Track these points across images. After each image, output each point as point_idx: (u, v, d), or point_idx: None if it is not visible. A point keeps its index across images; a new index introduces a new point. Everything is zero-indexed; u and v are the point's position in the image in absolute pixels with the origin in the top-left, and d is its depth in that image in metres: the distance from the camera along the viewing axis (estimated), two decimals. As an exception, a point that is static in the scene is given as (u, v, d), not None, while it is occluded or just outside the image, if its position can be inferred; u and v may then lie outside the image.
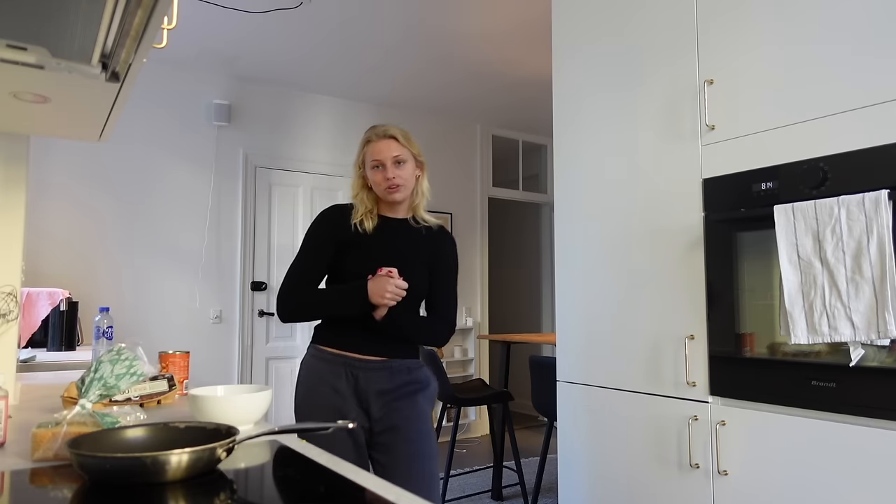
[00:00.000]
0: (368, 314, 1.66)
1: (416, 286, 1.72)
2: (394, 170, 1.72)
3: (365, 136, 1.79)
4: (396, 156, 1.73)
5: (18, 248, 1.55)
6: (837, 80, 1.53)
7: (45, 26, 0.87)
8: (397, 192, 1.73)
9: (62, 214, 3.90)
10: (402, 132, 1.77)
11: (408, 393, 1.71)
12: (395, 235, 1.77)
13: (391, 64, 4.27)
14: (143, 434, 0.96)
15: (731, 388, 1.70)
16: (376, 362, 1.70)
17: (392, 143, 1.74)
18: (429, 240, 1.81)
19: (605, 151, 2.14)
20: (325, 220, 1.79)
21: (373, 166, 1.74)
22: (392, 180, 1.71)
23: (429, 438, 1.71)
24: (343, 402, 1.68)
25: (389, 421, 1.69)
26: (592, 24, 2.23)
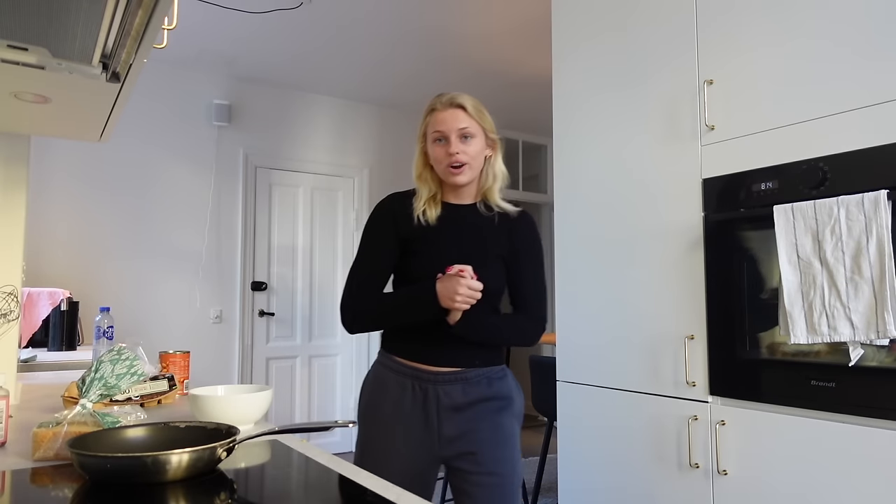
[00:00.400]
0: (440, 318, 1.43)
1: (491, 283, 1.46)
2: (458, 145, 1.45)
3: (429, 105, 1.53)
4: (463, 128, 1.46)
5: (19, 248, 1.55)
6: (837, 81, 1.53)
7: (46, 27, 0.87)
8: (460, 172, 1.46)
9: (63, 214, 3.90)
10: (473, 102, 1.50)
11: (488, 411, 1.46)
12: (462, 226, 1.52)
13: (391, 64, 4.27)
14: (143, 434, 0.96)
15: (731, 388, 1.70)
16: (449, 374, 1.45)
17: (459, 114, 1.47)
18: (504, 229, 1.53)
19: (605, 152, 2.14)
20: (381, 212, 1.56)
21: (434, 139, 1.49)
22: (455, 157, 1.45)
23: (512, 468, 1.46)
24: (407, 419, 1.46)
25: (465, 444, 1.44)
26: (592, 24, 2.23)
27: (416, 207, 1.51)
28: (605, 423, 2.06)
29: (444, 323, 1.43)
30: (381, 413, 1.48)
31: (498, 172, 1.54)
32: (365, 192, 4.98)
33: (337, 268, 4.89)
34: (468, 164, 1.47)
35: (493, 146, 1.54)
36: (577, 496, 2.13)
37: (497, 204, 1.54)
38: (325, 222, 4.86)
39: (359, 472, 0.92)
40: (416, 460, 1.45)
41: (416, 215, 1.50)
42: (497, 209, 1.54)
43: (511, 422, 1.49)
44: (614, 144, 2.11)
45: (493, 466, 1.43)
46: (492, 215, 1.53)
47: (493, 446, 1.44)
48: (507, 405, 1.49)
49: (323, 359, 4.79)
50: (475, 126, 1.48)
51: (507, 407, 1.49)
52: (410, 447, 1.45)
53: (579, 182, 2.22)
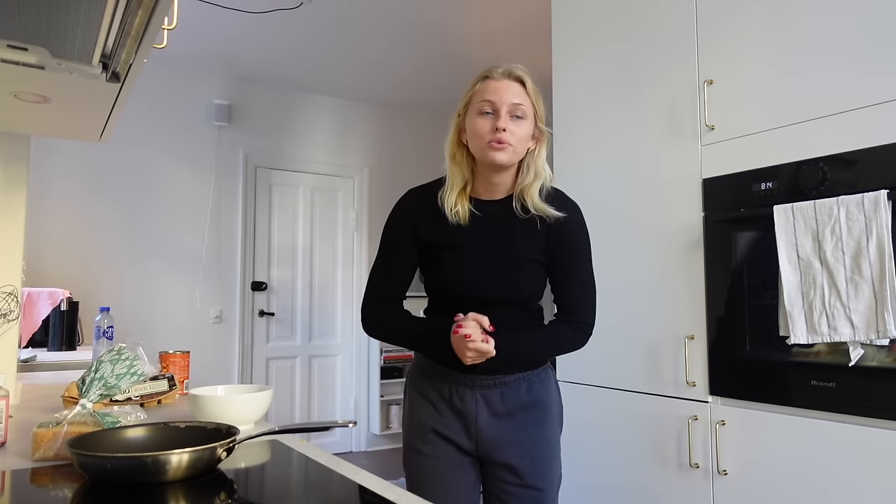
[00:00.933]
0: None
1: (526, 288, 1.33)
2: (507, 121, 1.26)
3: (481, 73, 1.34)
4: (517, 104, 1.27)
5: (19, 248, 1.55)
6: (837, 81, 1.53)
7: (46, 27, 0.87)
8: (502, 150, 1.26)
9: (63, 214, 3.90)
10: (533, 82, 1.33)
11: (529, 422, 1.36)
12: (492, 228, 1.33)
13: (391, 64, 4.27)
14: (143, 434, 0.96)
15: (731, 388, 1.70)
16: (487, 379, 1.35)
17: (515, 87, 1.29)
18: (543, 231, 1.34)
19: (605, 151, 2.14)
20: (399, 217, 1.41)
21: (480, 111, 1.28)
22: (500, 134, 1.25)
23: (551, 481, 1.38)
24: (445, 425, 1.37)
25: (504, 455, 1.35)
26: (592, 24, 2.23)
27: (446, 203, 1.32)
28: (605, 423, 2.06)
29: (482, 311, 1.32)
30: (419, 417, 1.40)
31: (540, 169, 1.33)
32: (365, 191, 4.98)
33: (337, 268, 4.89)
34: (513, 147, 1.27)
35: (540, 138, 1.34)
36: (577, 496, 2.13)
37: (535, 206, 1.32)
38: (325, 222, 4.86)
39: (359, 471, 0.92)
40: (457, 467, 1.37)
41: (448, 212, 1.32)
42: (535, 212, 1.32)
43: (552, 431, 1.40)
44: (614, 144, 2.11)
45: (532, 480, 1.34)
46: (529, 217, 1.32)
47: (533, 460, 1.34)
48: (547, 413, 1.39)
49: (323, 359, 4.79)
50: (529, 107, 1.30)
51: (547, 415, 1.39)
52: (449, 453, 1.37)
53: (579, 182, 2.22)
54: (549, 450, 1.38)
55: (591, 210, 2.16)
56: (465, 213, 1.32)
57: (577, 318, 1.37)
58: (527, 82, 1.31)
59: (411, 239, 1.38)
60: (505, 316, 1.30)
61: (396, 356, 4.89)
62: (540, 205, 1.32)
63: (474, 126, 1.29)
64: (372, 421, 4.84)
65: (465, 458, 1.38)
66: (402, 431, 1.47)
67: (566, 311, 1.38)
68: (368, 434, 4.86)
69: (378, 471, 1.75)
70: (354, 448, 4.83)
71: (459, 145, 1.35)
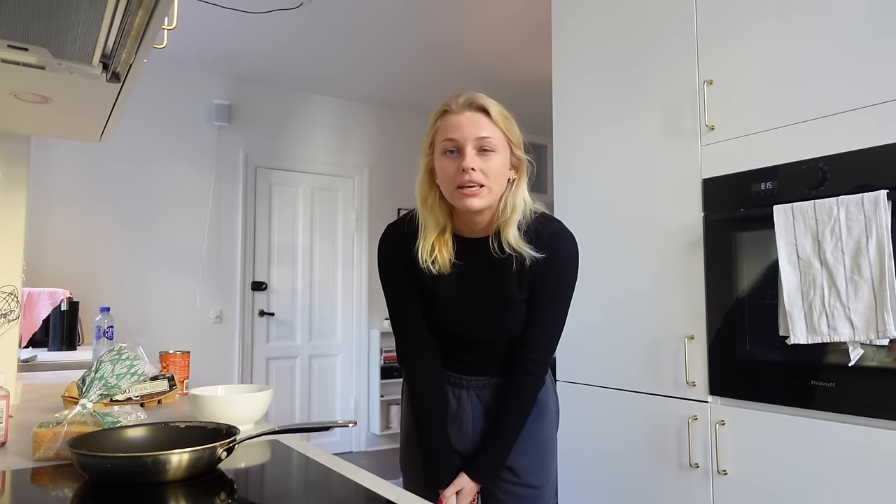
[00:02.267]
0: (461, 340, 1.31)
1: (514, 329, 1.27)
2: (474, 158, 1.13)
3: (440, 106, 1.20)
4: (483, 138, 1.14)
5: (19, 247, 1.55)
6: (837, 81, 1.53)
7: (47, 27, 0.87)
8: (475, 195, 1.14)
9: (63, 214, 3.90)
10: (500, 107, 1.19)
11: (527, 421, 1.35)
12: (482, 268, 1.24)
13: (392, 64, 4.27)
14: (143, 434, 0.96)
15: (731, 388, 1.70)
16: (480, 380, 1.34)
17: (480, 119, 1.15)
18: (528, 269, 1.22)
19: (605, 151, 2.14)
20: (385, 258, 1.31)
21: (444, 150, 1.16)
22: (468, 176, 1.13)
23: (547, 479, 1.37)
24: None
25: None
26: (592, 24, 2.23)
27: (420, 255, 1.21)
28: (605, 423, 2.06)
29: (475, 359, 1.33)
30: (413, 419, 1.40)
31: (518, 203, 1.20)
32: (365, 191, 4.98)
33: (337, 268, 4.89)
34: (486, 187, 1.15)
35: (520, 167, 1.22)
36: (576, 496, 2.13)
37: (510, 243, 1.19)
38: (325, 222, 4.86)
39: (359, 471, 0.92)
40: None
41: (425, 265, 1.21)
42: (510, 251, 1.19)
43: (547, 429, 1.38)
44: (614, 144, 2.11)
45: (528, 479, 1.34)
46: (506, 256, 1.20)
47: (529, 458, 1.34)
48: (542, 411, 1.37)
49: (323, 359, 4.79)
50: (499, 137, 1.16)
51: (543, 413, 1.37)
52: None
53: (579, 182, 2.22)
54: (544, 447, 1.37)
55: (590, 210, 2.17)
56: (445, 262, 1.22)
57: (533, 356, 1.28)
58: (491, 110, 1.17)
59: (405, 280, 1.29)
60: (494, 350, 1.32)
61: (396, 356, 4.88)
62: (516, 244, 1.19)
63: (441, 168, 1.18)
64: (372, 421, 4.84)
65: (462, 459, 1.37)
66: (400, 433, 1.47)
67: (525, 344, 1.28)
68: (368, 434, 4.86)
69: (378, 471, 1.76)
70: (354, 448, 4.83)
71: (431, 187, 1.23)
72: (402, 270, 1.28)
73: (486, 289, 1.25)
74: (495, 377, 1.35)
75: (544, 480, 1.37)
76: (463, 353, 1.34)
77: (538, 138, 6.02)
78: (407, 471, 1.44)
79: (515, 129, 1.21)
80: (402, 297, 1.31)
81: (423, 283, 1.27)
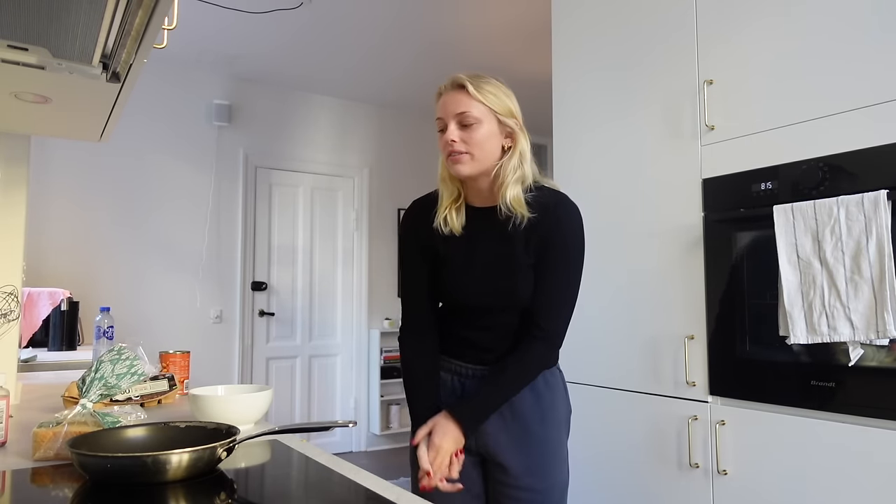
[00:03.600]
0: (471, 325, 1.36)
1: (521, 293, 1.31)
2: (455, 131, 1.26)
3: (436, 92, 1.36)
4: (461, 113, 1.26)
5: (19, 247, 1.55)
6: (837, 80, 1.53)
7: (46, 27, 0.87)
8: (459, 162, 1.27)
9: (63, 214, 3.90)
10: (476, 80, 1.27)
11: (531, 419, 1.33)
12: (487, 234, 1.33)
13: (391, 64, 4.27)
14: (143, 434, 0.96)
15: (731, 388, 1.70)
16: (486, 370, 1.35)
17: (458, 96, 1.27)
18: (531, 230, 1.29)
19: (605, 151, 2.14)
20: (404, 229, 1.44)
21: (438, 129, 1.32)
22: (451, 146, 1.26)
23: (552, 485, 1.33)
24: None
25: (503, 452, 1.33)
26: (592, 24, 2.23)
27: (436, 219, 1.34)
28: (605, 423, 2.06)
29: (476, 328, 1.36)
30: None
31: (516, 167, 1.28)
32: (365, 191, 4.98)
33: (337, 268, 4.89)
34: (468, 154, 1.26)
35: (513, 135, 1.30)
36: (576, 496, 2.13)
37: (510, 206, 1.27)
38: (325, 222, 4.86)
39: (359, 471, 0.92)
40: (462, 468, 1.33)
41: (436, 225, 1.34)
42: (507, 210, 1.28)
43: (554, 432, 1.36)
44: (614, 144, 2.11)
45: (526, 480, 1.31)
46: (511, 217, 1.28)
47: (532, 459, 1.32)
48: (551, 412, 1.36)
49: (323, 359, 4.79)
50: (479, 109, 1.26)
51: (551, 414, 1.36)
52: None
53: (579, 182, 2.22)
54: (550, 450, 1.34)
55: (590, 210, 2.16)
56: (455, 224, 1.33)
57: (543, 323, 1.30)
58: (468, 86, 1.26)
59: (418, 251, 1.39)
60: (504, 321, 1.34)
61: (397, 356, 4.89)
62: (513, 203, 1.27)
63: (439, 144, 1.32)
64: (372, 421, 4.84)
65: (469, 457, 1.35)
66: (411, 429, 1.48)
67: (535, 314, 1.31)
68: (368, 434, 4.86)
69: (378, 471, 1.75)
70: (354, 448, 4.83)
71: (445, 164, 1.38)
72: (414, 237, 1.40)
73: (494, 252, 1.32)
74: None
75: (548, 485, 1.33)
76: (473, 331, 1.36)
77: (538, 138, 6.01)
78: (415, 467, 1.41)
79: (499, 99, 1.29)
80: (413, 266, 1.41)
81: (437, 251, 1.36)
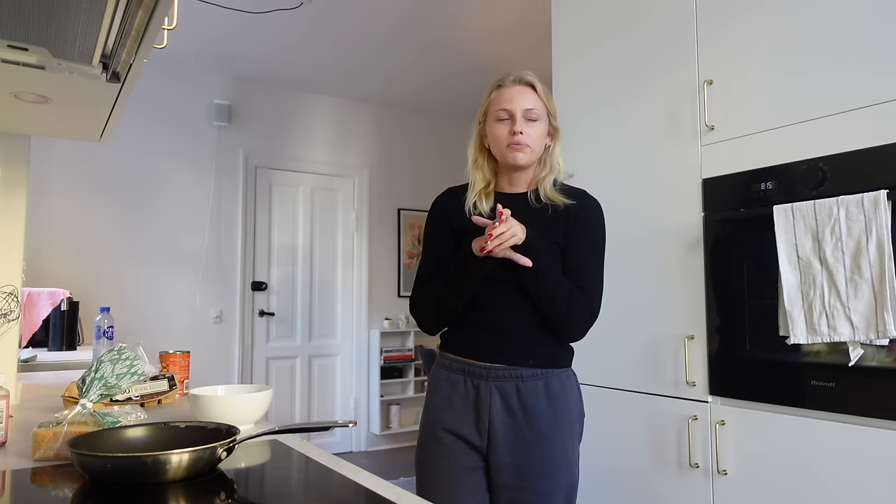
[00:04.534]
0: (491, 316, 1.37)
1: None
2: (522, 124, 1.38)
3: (494, 82, 1.45)
4: (530, 109, 1.39)
5: (19, 247, 1.55)
6: (836, 81, 1.53)
7: (47, 27, 0.87)
8: (520, 150, 1.38)
9: (63, 214, 3.90)
10: (540, 82, 1.43)
11: (542, 421, 1.33)
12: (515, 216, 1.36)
13: (391, 64, 4.27)
14: (143, 434, 0.96)
15: (731, 388, 1.70)
16: (502, 369, 1.36)
17: (527, 92, 1.40)
18: (560, 216, 1.41)
19: (605, 151, 2.14)
20: (435, 210, 1.51)
21: (498, 118, 1.40)
22: (517, 137, 1.37)
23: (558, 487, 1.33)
24: (456, 417, 1.37)
25: (514, 458, 1.33)
26: (592, 24, 2.23)
27: (467, 202, 1.44)
28: (605, 423, 2.06)
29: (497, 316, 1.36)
30: (431, 412, 1.42)
31: (555, 163, 1.44)
32: (365, 191, 4.98)
33: (337, 268, 4.89)
34: (530, 147, 1.39)
35: (554, 135, 1.46)
36: (577, 495, 2.13)
37: (548, 196, 1.41)
38: (325, 222, 4.86)
39: (359, 471, 0.92)
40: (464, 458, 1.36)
41: (467, 208, 1.42)
42: (548, 201, 1.41)
43: (567, 436, 1.36)
44: (614, 144, 2.11)
45: (530, 481, 1.32)
46: (542, 205, 1.41)
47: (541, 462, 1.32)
48: (563, 415, 1.36)
49: (323, 359, 4.79)
50: (542, 108, 1.41)
51: (563, 417, 1.36)
52: (457, 445, 1.37)
53: (579, 182, 2.21)
54: (558, 453, 1.33)
55: (591, 210, 2.16)
56: (485, 207, 1.42)
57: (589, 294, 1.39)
58: (537, 86, 1.41)
59: (446, 229, 1.46)
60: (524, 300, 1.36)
61: (396, 356, 4.89)
62: (551, 193, 1.41)
63: (494, 132, 1.41)
64: (372, 421, 4.84)
65: (475, 461, 1.36)
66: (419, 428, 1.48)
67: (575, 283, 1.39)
68: (368, 434, 4.86)
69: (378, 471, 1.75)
70: (354, 448, 4.83)
71: (482, 150, 1.47)
72: (444, 218, 1.47)
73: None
74: (517, 368, 1.35)
75: (553, 488, 1.32)
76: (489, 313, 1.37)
77: (538, 138, 6.03)
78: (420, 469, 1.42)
79: (553, 103, 1.45)
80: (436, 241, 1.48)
81: (465, 232, 1.41)
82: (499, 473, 1.34)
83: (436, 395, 1.43)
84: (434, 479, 1.38)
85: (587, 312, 1.38)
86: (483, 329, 1.38)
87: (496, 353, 1.36)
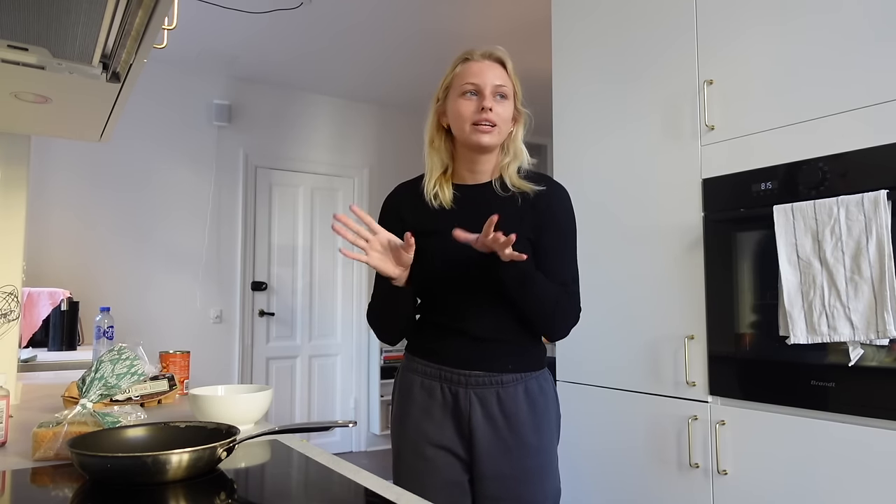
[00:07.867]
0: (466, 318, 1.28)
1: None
2: (492, 101, 1.25)
3: (460, 55, 1.33)
4: (499, 86, 1.27)
5: (19, 247, 1.55)
6: (836, 81, 1.53)
7: (46, 27, 0.87)
8: (488, 132, 1.25)
9: (63, 214, 3.90)
10: (510, 60, 1.32)
11: (525, 428, 1.28)
12: (479, 209, 1.27)
13: (391, 64, 4.27)
14: (143, 434, 0.96)
15: (731, 388, 1.70)
16: (481, 376, 1.27)
17: (497, 69, 1.29)
18: (527, 206, 1.29)
19: (605, 151, 2.14)
20: (386, 209, 1.39)
21: (463, 92, 1.27)
22: (486, 115, 1.24)
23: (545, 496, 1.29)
24: (437, 428, 1.29)
25: (496, 466, 1.27)
26: (592, 24, 2.23)
27: (426, 189, 1.31)
28: (605, 423, 2.06)
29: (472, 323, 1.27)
30: (409, 423, 1.32)
31: (518, 149, 1.32)
32: (365, 192, 4.98)
33: (337, 268, 4.89)
34: (497, 128, 1.26)
35: (519, 119, 1.34)
36: (576, 496, 2.13)
37: (514, 183, 1.29)
38: (325, 222, 4.86)
39: (359, 471, 0.92)
40: (449, 471, 1.29)
41: (428, 198, 1.30)
42: (514, 189, 1.29)
43: (547, 441, 1.32)
44: (614, 144, 2.11)
45: (522, 491, 1.27)
46: (510, 194, 1.29)
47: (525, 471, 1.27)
48: (545, 420, 1.31)
49: (323, 359, 4.79)
50: (510, 88, 1.30)
51: (545, 422, 1.31)
52: (441, 458, 1.29)
53: (579, 182, 2.22)
54: (543, 460, 1.30)
55: (590, 209, 2.17)
56: (447, 197, 1.30)
57: (571, 290, 1.31)
58: (507, 64, 1.31)
59: (399, 228, 1.28)
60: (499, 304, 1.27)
61: (397, 356, 4.89)
62: (518, 181, 1.30)
63: (458, 108, 1.27)
64: (372, 421, 4.84)
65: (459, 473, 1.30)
66: (391, 437, 1.39)
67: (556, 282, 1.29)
68: (368, 434, 4.86)
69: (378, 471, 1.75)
70: (354, 448, 4.83)
71: (439, 130, 1.35)
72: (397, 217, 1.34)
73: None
74: (496, 374, 1.27)
75: (541, 498, 1.29)
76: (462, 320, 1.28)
77: (538, 138, 6.01)
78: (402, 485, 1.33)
79: (520, 85, 1.34)
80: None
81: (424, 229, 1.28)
82: (483, 484, 1.28)
83: (410, 404, 1.32)
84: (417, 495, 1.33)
85: (573, 311, 1.31)
86: (457, 335, 1.29)
87: (474, 361, 1.27)
